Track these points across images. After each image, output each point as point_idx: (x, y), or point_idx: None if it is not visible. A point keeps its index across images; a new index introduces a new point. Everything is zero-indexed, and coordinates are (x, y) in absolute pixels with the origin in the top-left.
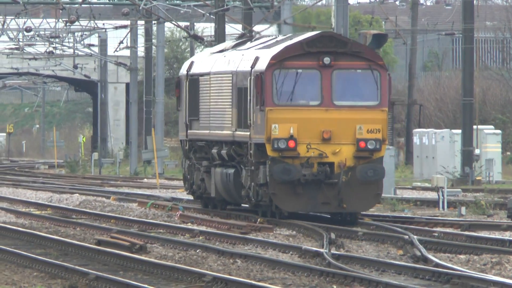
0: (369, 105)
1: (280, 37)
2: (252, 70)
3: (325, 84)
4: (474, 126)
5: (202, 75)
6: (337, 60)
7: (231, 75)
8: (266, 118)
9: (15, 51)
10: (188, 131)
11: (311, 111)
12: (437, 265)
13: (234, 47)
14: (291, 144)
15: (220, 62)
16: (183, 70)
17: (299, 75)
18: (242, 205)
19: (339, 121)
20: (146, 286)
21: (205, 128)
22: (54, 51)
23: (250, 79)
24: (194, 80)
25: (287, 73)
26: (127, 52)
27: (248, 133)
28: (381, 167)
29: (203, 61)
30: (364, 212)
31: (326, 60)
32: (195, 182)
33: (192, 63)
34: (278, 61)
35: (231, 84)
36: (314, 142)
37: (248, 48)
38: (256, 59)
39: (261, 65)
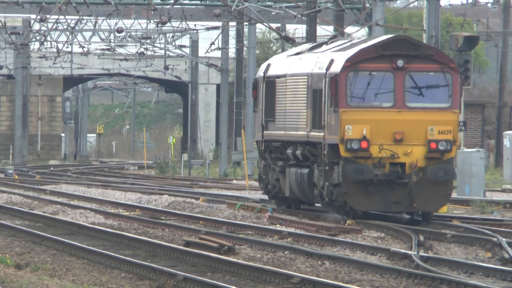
0: (440, 107)
1: (355, 40)
2: (327, 72)
3: (398, 86)
4: None
5: (278, 77)
6: (410, 63)
7: (306, 77)
8: (340, 119)
9: (107, 52)
10: (264, 132)
11: (384, 112)
12: None
13: (310, 50)
14: (364, 144)
15: (296, 64)
16: (260, 72)
17: (372, 77)
18: (316, 204)
19: (411, 122)
20: (234, 287)
21: (280, 129)
22: (145, 52)
23: (325, 81)
24: (270, 82)
25: (361, 75)
26: (218, 53)
27: (322, 134)
28: (451, 168)
29: (280, 63)
30: (452, 215)
31: (400, 62)
32: (270, 182)
33: (269, 65)
34: (352, 64)
35: (306, 86)
36: (386, 143)
37: (323, 51)
38: (331, 61)
39: (336, 68)
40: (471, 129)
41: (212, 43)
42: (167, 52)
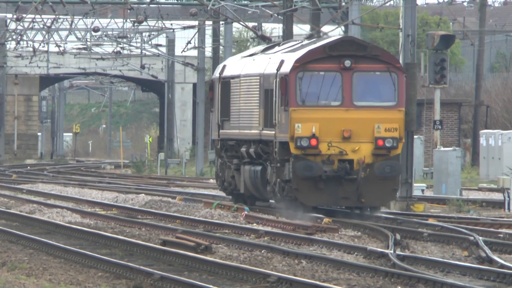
0: (387, 106)
1: (305, 42)
2: (278, 72)
3: (345, 86)
4: None
5: (233, 77)
6: (357, 63)
7: (258, 77)
8: (290, 118)
9: (83, 51)
10: (220, 131)
11: (332, 111)
12: (502, 266)
13: (263, 51)
14: (313, 142)
15: (250, 65)
16: (216, 73)
17: (321, 77)
18: (270, 201)
19: (359, 120)
20: (211, 286)
21: (235, 128)
22: (121, 51)
23: (276, 81)
24: (226, 83)
25: (310, 75)
26: (194, 53)
27: (274, 132)
28: (397, 164)
29: (235, 64)
30: (429, 213)
31: (347, 63)
32: (226, 179)
33: (224, 66)
34: (301, 64)
35: (258, 86)
36: (334, 140)
37: (275, 52)
38: (282, 62)
39: (286, 68)
40: (447, 128)
41: (189, 42)
42: (143, 51)
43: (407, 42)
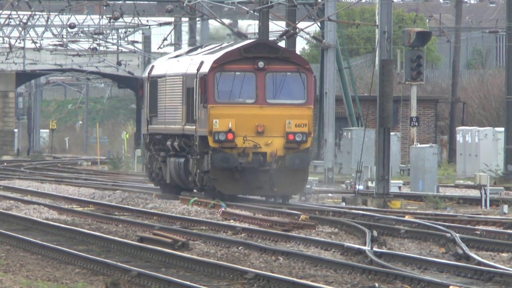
0: (297, 103)
1: (224, 44)
2: (198, 72)
3: (259, 85)
4: None
5: (160, 77)
6: (269, 64)
7: (182, 77)
8: (208, 114)
9: (59, 48)
10: (149, 126)
11: (247, 108)
12: (480, 263)
13: (187, 52)
14: (230, 136)
15: (174, 66)
16: (145, 73)
17: (237, 77)
18: (194, 190)
19: (271, 116)
20: (188, 283)
21: (161, 123)
22: (97, 47)
23: (196, 80)
24: (153, 82)
25: (227, 75)
26: (171, 49)
27: (194, 127)
28: (307, 157)
29: (162, 65)
30: (406, 210)
31: (260, 64)
32: (154, 171)
33: (152, 66)
34: (219, 65)
35: (181, 85)
36: (249, 134)
37: (197, 54)
38: (201, 63)
39: (205, 68)
40: (424, 125)
41: (165, 39)
42: (119, 48)
43: (383, 39)
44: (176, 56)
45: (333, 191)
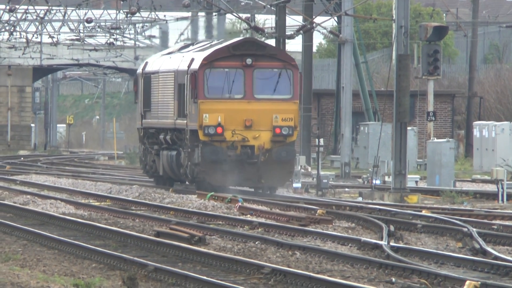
0: (283, 98)
1: (214, 42)
2: (189, 69)
3: (247, 81)
4: None
5: (153, 73)
6: (257, 61)
7: (173, 73)
8: (199, 109)
9: (76, 42)
10: (143, 120)
11: (236, 103)
12: (496, 257)
13: (179, 50)
14: (219, 130)
15: (167, 62)
16: (139, 70)
17: (226, 73)
18: (187, 182)
19: (259, 111)
20: (204, 277)
21: (155, 117)
22: (114, 42)
23: (187, 76)
24: (147, 78)
25: (216, 72)
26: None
27: (185, 121)
28: (293, 149)
29: (155, 61)
30: (423, 205)
31: (248, 61)
32: (148, 163)
33: (146, 63)
34: (208, 62)
35: (173, 81)
36: (238, 128)
37: (188, 51)
38: (192, 60)
39: (195, 65)
40: (440, 119)
41: (182, 34)
42: (136, 43)
43: (400, 34)
44: (169, 53)
45: (350, 185)
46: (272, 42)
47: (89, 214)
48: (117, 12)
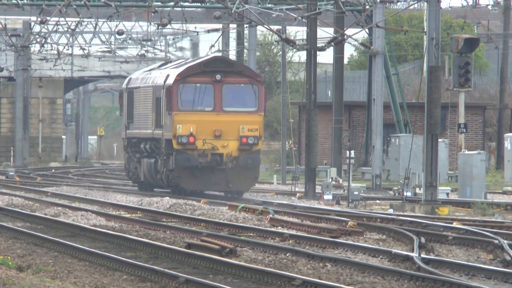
0: (249, 111)
1: (189, 60)
2: (164, 84)
3: (217, 95)
4: None
5: (135, 88)
6: (226, 77)
7: (152, 88)
8: (173, 120)
9: (107, 54)
10: (127, 131)
11: (206, 115)
12: None
13: (159, 67)
14: (191, 139)
15: (147, 78)
16: (124, 85)
17: (197, 88)
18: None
19: (227, 122)
20: None
21: (136, 128)
22: (145, 54)
23: (163, 91)
24: (130, 92)
25: (189, 87)
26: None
27: (161, 132)
28: (258, 157)
29: (138, 77)
30: (454, 217)
31: (218, 76)
32: (131, 170)
33: (130, 79)
34: (182, 78)
35: (152, 95)
36: (208, 138)
37: (165, 68)
38: (167, 76)
39: (170, 81)
40: (472, 131)
41: (213, 46)
42: (167, 54)
43: (431, 45)
44: (150, 70)
45: (381, 197)
46: (303, 54)
47: (120, 226)
48: (148, 24)
